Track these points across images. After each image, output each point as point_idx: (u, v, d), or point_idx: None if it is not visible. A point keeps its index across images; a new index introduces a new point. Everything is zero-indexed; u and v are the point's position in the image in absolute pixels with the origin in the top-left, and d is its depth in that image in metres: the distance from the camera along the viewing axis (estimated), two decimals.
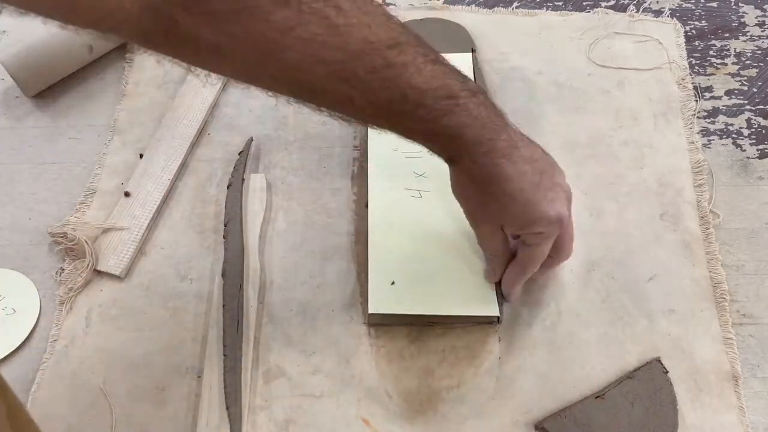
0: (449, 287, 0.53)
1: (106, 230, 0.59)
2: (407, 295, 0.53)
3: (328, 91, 0.41)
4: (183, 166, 0.63)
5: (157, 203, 0.60)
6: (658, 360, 0.52)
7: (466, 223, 0.56)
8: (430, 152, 0.47)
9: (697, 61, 0.68)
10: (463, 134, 0.43)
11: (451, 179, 0.49)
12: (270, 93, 0.44)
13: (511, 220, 0.47)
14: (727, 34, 0.70)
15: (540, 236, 0.47)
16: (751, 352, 0.53)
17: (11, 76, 0.64)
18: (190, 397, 0.52)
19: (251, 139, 0.64)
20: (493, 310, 0.52)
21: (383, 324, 0.54)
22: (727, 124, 0.64)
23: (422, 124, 0.43)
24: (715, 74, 0.68)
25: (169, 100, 0.67)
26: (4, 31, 0.70)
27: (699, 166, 0.61)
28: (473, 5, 0.72)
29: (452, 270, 0.54)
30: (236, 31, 0.38)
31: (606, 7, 0.72)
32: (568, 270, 0.56)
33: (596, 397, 0.50)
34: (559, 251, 0.50)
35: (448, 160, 0.47)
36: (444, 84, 0.42)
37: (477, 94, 0.44)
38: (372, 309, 0.52)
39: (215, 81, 0.67)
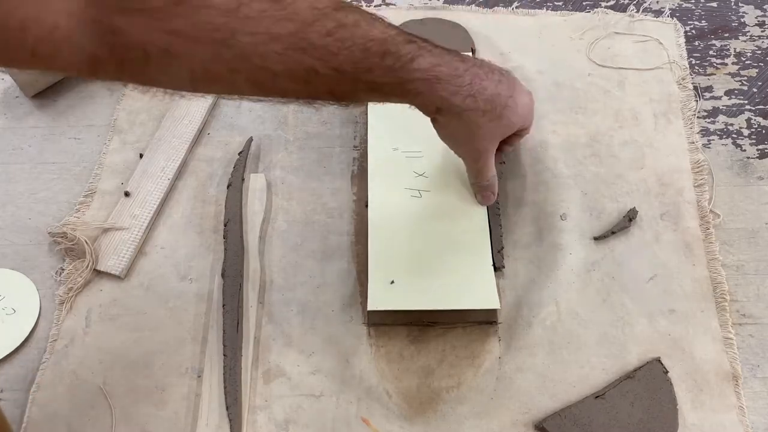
0: (449, 284, 0.53)
1: (106, 230, 0.59)
2: (406, 292, 0.53)
3: (290, 70, 0.40)
4: (183, 166, 0.63)
5: (157, 203, 0.60)
6: (658, 360, 0.52)
7: (466, 222, 0.56)
8: (413, 107, 0.47)
9: (697, 61, 0.68)
10: (438, 74, 0.44)
11: (438, 134, 0.51)
12: (233, 95, 0.42)
13: (509, 129, 0.52)
14: (727, 34, 0.70)
15: (524, 132, 0.55)
16: (751, 352, 0.53)
17: (11, 76, 0.64)
18: (190, 397, 0.52)
19: (251, 139, 0.64)
20: (493, 303, 0.52)
21: (383, 324, 0.54)
22: (727, 124, 0.64)
23: (394, 74, 0.43)
24: (715, 74, 0.68)
25: (169, 100, 0.67)
26: None
27: (699, 166, 0.61)
28: (473, 5, 0.72)
29: (452, 268, 0.54)
30: (181, 25, 0.36)
31: (606, 7, 0.72)
32: (569, 270, 0.56)
33: (596, 397, 0.50)
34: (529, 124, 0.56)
35: (433, 119, 0.49)
36: (399, 31, 0.43)
37: (426, 40, 0.45)
38: (371, 306, 0.52)
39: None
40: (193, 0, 0.37)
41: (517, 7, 0.72)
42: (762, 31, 0.70)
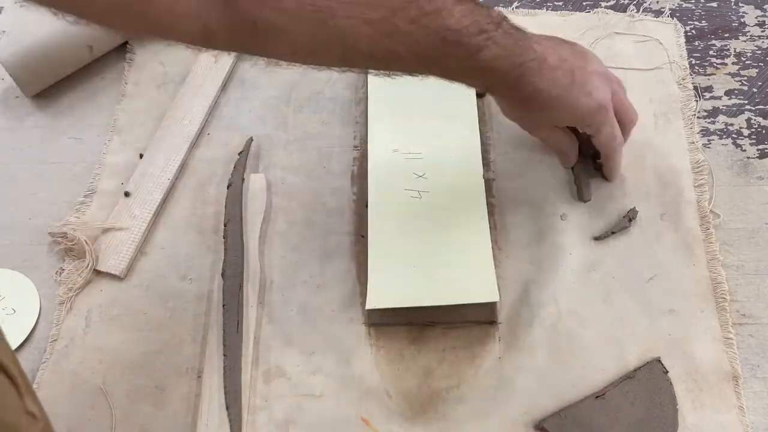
0: (448, 280, 0.53)
1: (106, 230, 0.59)
2: (405, 290, 0.53)
3: (376, 52, 0.44)
4: (183, 166, 0.63)
5: (157, 203, 0.60)
6: (658, 360, 0.52)
7: (466, 223, 0.56)
8: (467, 86, 0.50)
9: (697, 61, 0.68)
10: (496, 66, 0.47)
11: (498, 105, 0.54)
12: (320, 66, 0.47)
13: (560, 122, 0.54)
14: (727, 34, 0.70)
15: (594, 125, 0.53)
16: (751, 352, 0.53)
17: (11, 76, 0.64)
18: (190, 397, 0.52)
19: (251, 139, 0.63)
20: (492, 296, 0.52)
21: (383, 324, 0.54)
22: (727, 124, 0.64)
23: (460, 62, 0.46)
24: (715, 74, 0.68)
25: (169, 100, 0.67)
26: (4, 31, 0.70)
27: (699, 166, 0.61)
28: None
29: (451, 267, 0.54)
30: (289, 4, 0.40)
31: (606, 7, 0.72)
32: (569, 270, 0.56)
33: (596, 397, 0.50)
34: (623, 122, 0.55)
35: (487, 90, 0.52)
36: (474, 21, 0.45)
37: (501, 23, 0.47)
38: (369, 305, 0.52)
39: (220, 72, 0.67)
40: None
41: (517, 7, 0.72)
42: (762, 31, 0.70)
